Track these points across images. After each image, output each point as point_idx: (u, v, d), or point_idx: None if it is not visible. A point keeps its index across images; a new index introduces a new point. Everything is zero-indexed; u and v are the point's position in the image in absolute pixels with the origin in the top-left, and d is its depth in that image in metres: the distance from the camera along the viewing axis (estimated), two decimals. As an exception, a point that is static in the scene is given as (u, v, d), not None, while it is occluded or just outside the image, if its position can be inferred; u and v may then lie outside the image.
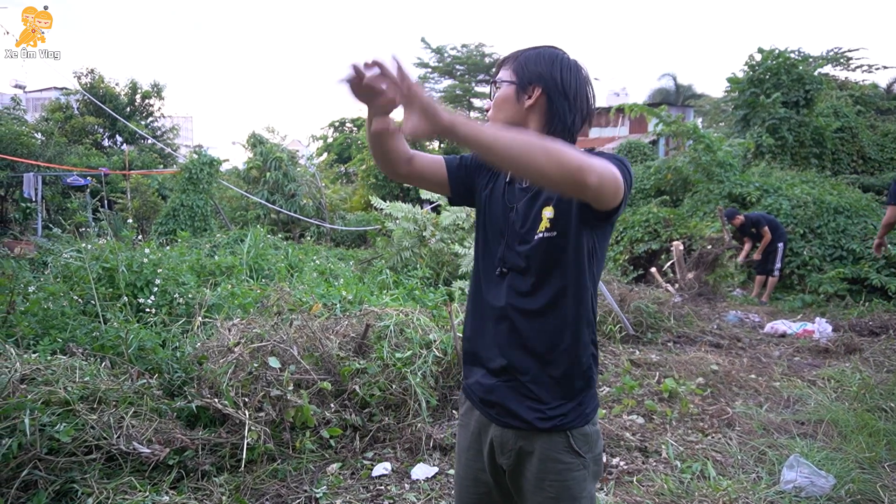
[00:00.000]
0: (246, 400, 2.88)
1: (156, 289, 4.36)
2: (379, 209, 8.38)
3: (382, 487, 2.77)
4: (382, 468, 2.91)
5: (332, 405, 3.15)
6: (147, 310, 4.09)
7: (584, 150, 1.25)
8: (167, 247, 6.54)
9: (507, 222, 1.38)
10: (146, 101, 23.02)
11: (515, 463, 1.36)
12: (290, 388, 2.96)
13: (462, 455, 1.49)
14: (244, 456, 2.68)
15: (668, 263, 8.06)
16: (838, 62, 18.18)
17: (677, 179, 10.98)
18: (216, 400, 2.85)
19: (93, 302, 3.84)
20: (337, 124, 25.91)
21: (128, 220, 7.62)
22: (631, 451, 3.16)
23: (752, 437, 3.35)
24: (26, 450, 2.32)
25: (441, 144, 20.07)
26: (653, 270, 7.86)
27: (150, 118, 23.16)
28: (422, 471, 2.89)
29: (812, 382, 4.36)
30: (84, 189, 12.70)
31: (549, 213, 1.30)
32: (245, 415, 2.79)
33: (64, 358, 2.92)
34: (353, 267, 7.85)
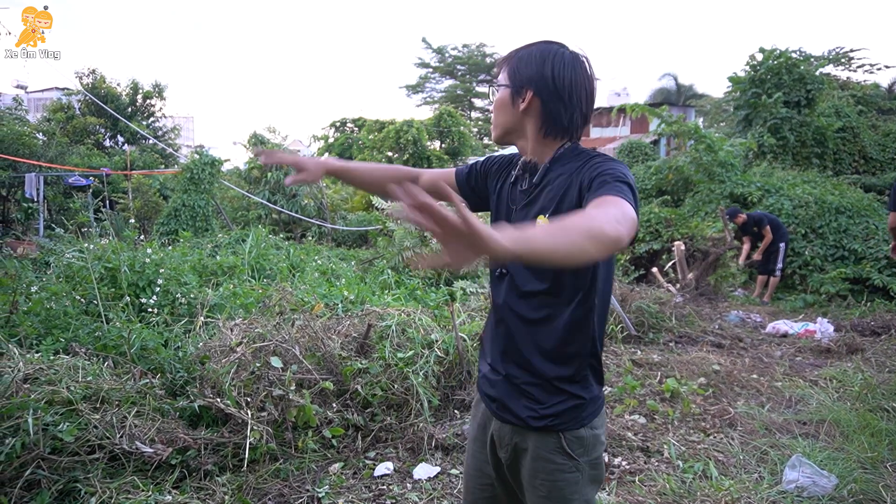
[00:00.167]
0: (248, 400, 2.89)
1: (158, 289, 4.36)
2: (380, 209, 8.39)
3: (385, 487, 2.77)
4: (384, 468, 2.91)
5: (334, 405, 3.15)
6: (149, 310, 4.10)
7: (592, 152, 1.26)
8: (169, 247, 6.55)
9: (506, 224, 1.39)
10: (147, 101, 23.05)
11: (512, 458, 1.39)
12: (293, 387, 2.96)
13: (470, 446, 1.54)
14: (246, 455, 2.68)
15: (670, 263, 8.06)
16: (840, 62, 18.18)
17: (678, 179, 10.97)
18: (218, 400, 2.86)
19: (95, 302, 3.85)
20: (338, 124, 25.91)
21: (130, 221, 7.63)
22: (633, 450, 3.16)
23: (754, 437, 3.35)
24: (29, 449, 2.33)
25: (442, 145, 20.07)
26: (654, 270, 7.85)
27: (152, 118, 23.19)
28: (424, 470, 2.89)
29: (814, 382, 4.35)
30: (86, 189, 12.71)
31: (545, 224, 1.28)
32: (247, 414, 2.80)
33: (67, 358, 2.93)
34: (354, 267, 7.85)
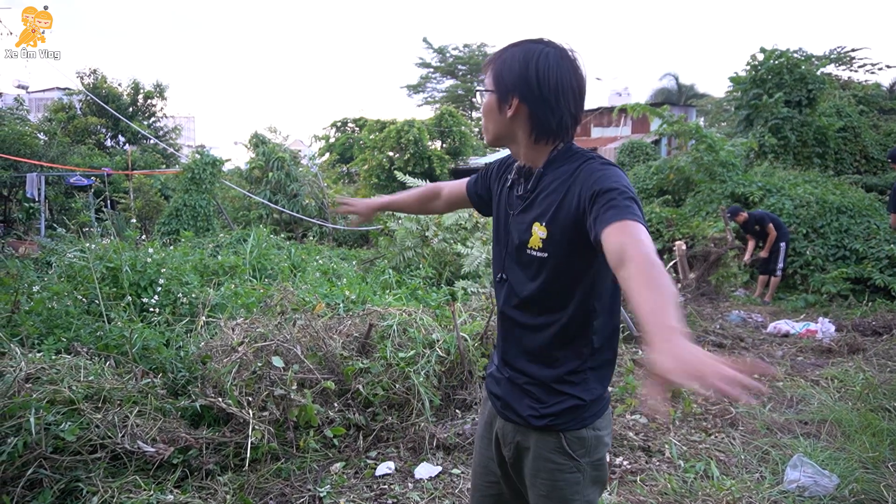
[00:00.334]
0: (250, 399, 2.89)
1: (159, 288, 4.37)
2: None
3: (386, 487, 2.78)
4: (386, 467, 2.92)
5: (335, 404, 3.16)
6: (151, 309, 4.10)
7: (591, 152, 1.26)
8: (170, 246, 6.55)
9: (506, 229, 1.39)
10: (149, 101, 23.04)
11: (515, 457, 1.40)
12: (294, 387, 2.96)
13: (477, 443, 1.55)
14: (248, 455, 2.69)
15: (671, 263, 8.05)
16: (841, 62, 18.14)
17: (680, 179, 10.95)
18: (220, 399, 2.86)
19: (97, 301, 3.85)
20: (339, 124, 25.89)
21: (131, 220, 7.64)
22: (634, 450, 3.16)
23: (756, 437, 3.35)
24: (31, 448, 2.33)
25: (443, 145, 20.06)
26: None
27: (153, 118, 23.18)
28: (425, 470, 2.89)
29: (815, 382, 4.35)
30: (87, 189, 12.71)
31: (541, 232, 1.26)
32: (249, 414, 2.80)
33: (68, 357, 2.93)
34: (355, 267, 7.85)
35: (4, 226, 12.02)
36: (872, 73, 18.66)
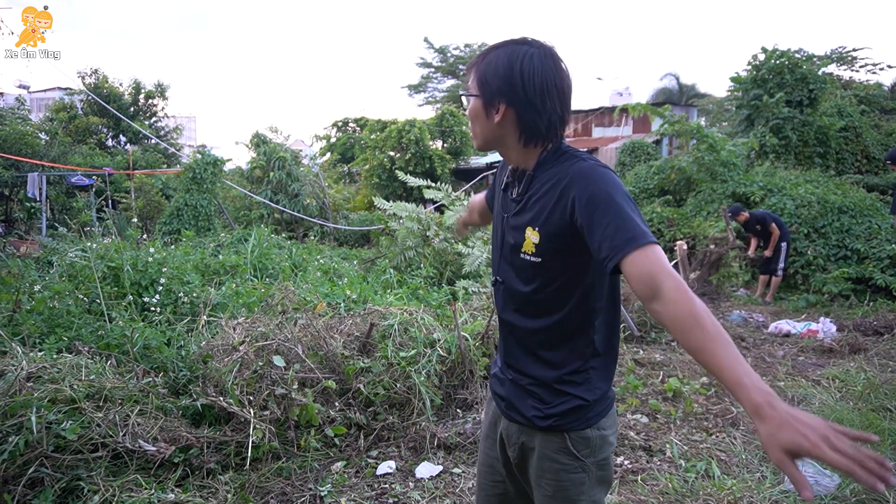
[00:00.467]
0: (251, 398, 2.89)
1: (160, 288, 4.37)
2: (382, 209, 8.39)
3: (387, 486, 2.78)
4: (387, 467, 2.92)
5: (336, 404, 3.16)
6: (152, 308, 4.11)
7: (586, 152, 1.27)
8: (171, 246, 6.56)
9: (501, 232, 1.39)
10: (150, 101, 23.04)
11: (520, 457, 1.40)
12: (295, 386, 2.97)
13: (482, 443, 1.55)
14: (249, 454, 2.69)
15: (672, 263, 8.04)
16: (842, 62, 18.13)
17: (681, 179, 10.95)
18: (221, 398, 2.87)
19: (98, 301, 3.86)
20: (340, 124, 25.90)
21: (132, 220, 7.64)
22: (635, 450, 3.16)
23: (757, 437, 3.35)
24: (33, 447, 2.34)
25: (444, 145, 20.05)
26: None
27: (154, 118, 23.17)
28: (426, 469, 2.89)
29: (816, 382, 4.35)
30: (88, 189, 12.72)
31: (534, 237, 1.26)
32: (250, 413, 2.80)
33: (70, 356, 2.93)
34: (356, 266, 7.85)
35: (6, 225, 12.02)
36: (874, 73, 18.61)
